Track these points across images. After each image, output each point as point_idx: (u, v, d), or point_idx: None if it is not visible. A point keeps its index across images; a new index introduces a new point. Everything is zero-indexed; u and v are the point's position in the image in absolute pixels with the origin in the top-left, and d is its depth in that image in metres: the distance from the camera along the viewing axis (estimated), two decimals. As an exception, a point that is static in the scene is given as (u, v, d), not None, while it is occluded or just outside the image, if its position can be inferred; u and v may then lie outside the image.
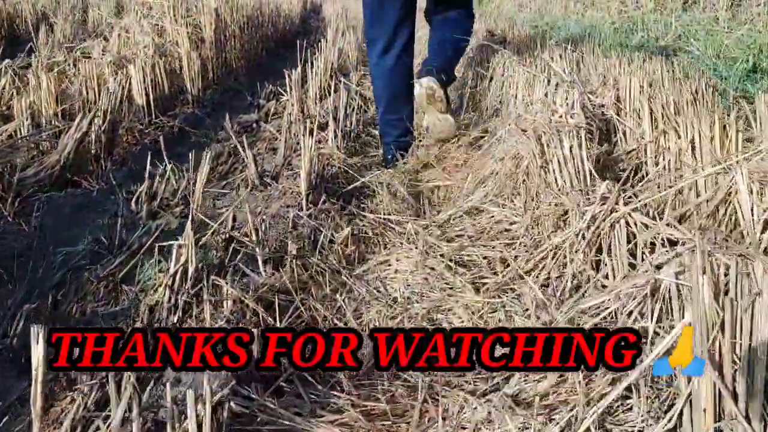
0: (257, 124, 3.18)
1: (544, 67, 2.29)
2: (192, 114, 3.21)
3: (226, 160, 2.38)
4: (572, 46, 2.91)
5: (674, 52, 4.66)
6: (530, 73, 2.26)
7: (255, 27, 5.00)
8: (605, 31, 5.55)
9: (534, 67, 2.35)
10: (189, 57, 3.27)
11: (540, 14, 7.70)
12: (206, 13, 3.68)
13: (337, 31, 5.34)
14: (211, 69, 3.71)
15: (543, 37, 3.20)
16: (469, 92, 3.09)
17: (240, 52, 4.34)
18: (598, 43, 5.07)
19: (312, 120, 2.31)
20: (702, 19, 5.68)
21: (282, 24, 6.73)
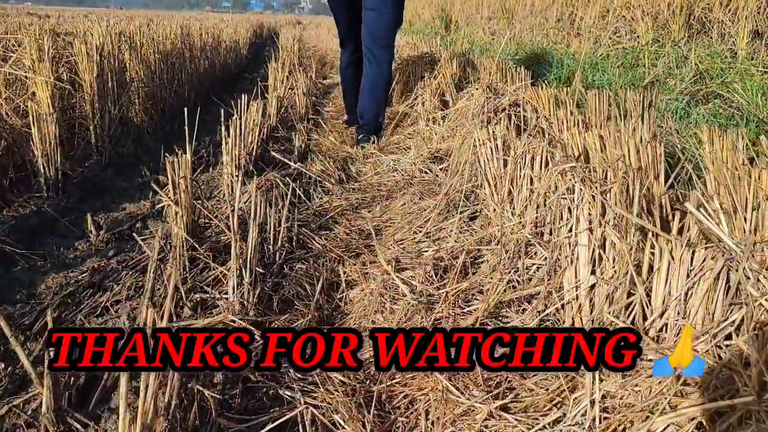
0: (143, 223, 2.15)
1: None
2: (40, 209, 2.16)
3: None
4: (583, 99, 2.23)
5: (705, 98, 3.69)
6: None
7: (177, 66, 3.90)
8: (605, 66, 4.68)
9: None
10: (41, 120, 2.22)
11: (517, 43, 6.89)
12: (82, 54, 2.62)
13: (285, 65, 4.31)
14: (93, 132, 2.64)
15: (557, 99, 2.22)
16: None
17: (147, 102, 3.25)
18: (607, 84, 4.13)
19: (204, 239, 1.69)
20: (716, 52, 4.72)
21: (223, 58, 5.66)
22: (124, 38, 3.12)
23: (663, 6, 5.62)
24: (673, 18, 5.49)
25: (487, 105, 2.06)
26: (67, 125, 2.76)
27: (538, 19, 7.71)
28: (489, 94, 2.22)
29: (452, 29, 10.64)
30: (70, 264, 1.86)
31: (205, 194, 2.41)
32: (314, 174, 2.50)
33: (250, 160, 2.47)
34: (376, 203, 2.30)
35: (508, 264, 1.34)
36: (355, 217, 2.17)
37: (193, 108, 4.32)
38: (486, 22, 9.46)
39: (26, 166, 2.40)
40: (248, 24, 9.64)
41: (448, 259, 1.49)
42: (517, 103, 2.06)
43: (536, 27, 7.47)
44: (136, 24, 4.46)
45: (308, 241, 1.91)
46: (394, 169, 2.67)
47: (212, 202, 2.31)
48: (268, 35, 12.99)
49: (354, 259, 1.81)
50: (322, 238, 1.95)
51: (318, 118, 4.04)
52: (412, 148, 2.84)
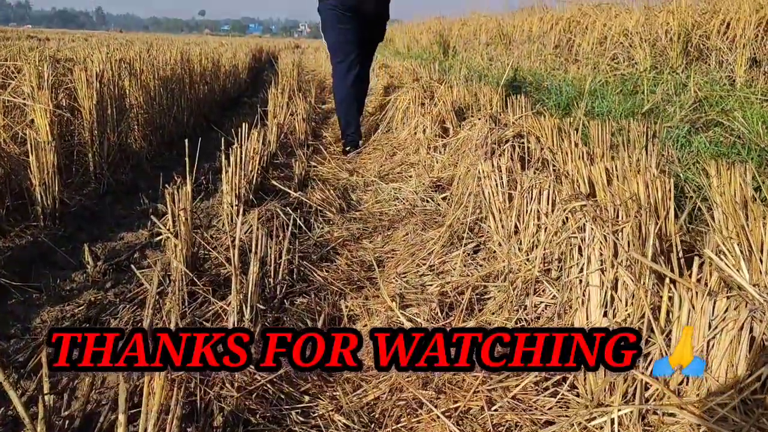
0: (141, 253, 2.12)
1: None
2: (37, 239, 2.13)
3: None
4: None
5: (706, 126, 3.68)
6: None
7: (177, 91, 3.89)
8: (605, 92, 4.68)
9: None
10: (39, 148, 2.19)
11: (515, 69, 6.92)
12: (82, 81, 2.61)
13: (284, 91, 4.31)
14: (92, 159, 2.62)
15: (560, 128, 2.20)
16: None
17: (146, 128, 3.24)
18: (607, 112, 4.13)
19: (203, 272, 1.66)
20: (714, 79, 4.74)
21: (223, 83, 5.67)
22: (124, 65, 3.11)
23: (660, 33, 5.66)
24: (670, 45, 5.52)
25: (491, 136, 2.05)
26: (65, 152, 2.73)
27: (536, 45, 7.76)
28: (492, 125, 2.21)
29: (450, 54, 10.71)
30: (66, 296, 1.82)
31: (204, 224, 2.38)
32: (315, 203, 2.47)
33: (250, 188, 2.44)
34: (378, 233, 2.27)
35: (516, 302, 1.31)
36: (356, 248, 2.14)
37: (192, 133, 4.30)
38: (484, 48, 9.53)
39: (23, 194, 2.37)
40: (247, 48, 9.69)
41: (453, 295, 1.46)
42: (520, 134, 2.05)
43: (534, 53, 7.51)
44: (136, 49, 4.47)
45: (309, 274, 1.88)
46: (395, 197, 2.64)
47: (211, 231, 2.28)
48: (267, 59, 13.06)
49: (356, 293, 1.77)
50: (323, 270, 1.92)
51: (317, 143, 4.03)
52: (414, 176, 2.82)
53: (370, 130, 4.24)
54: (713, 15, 5.27)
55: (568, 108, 4.55)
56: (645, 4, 6.44)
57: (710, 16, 5.34)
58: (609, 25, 6.37)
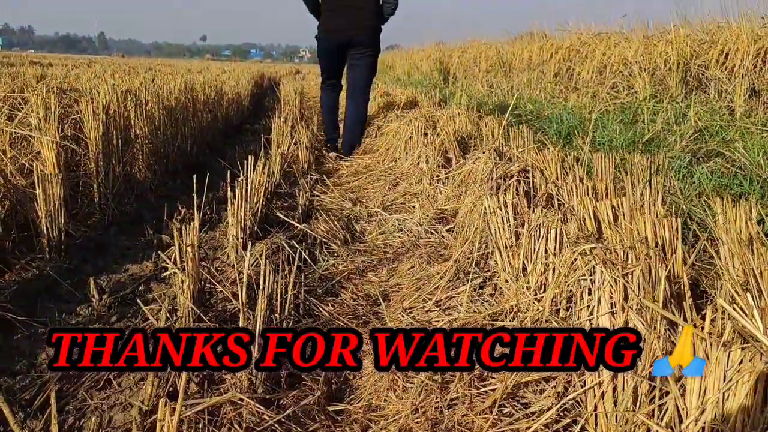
0: (146, 286, 2.12)
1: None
2: (42, 272, 2.13)
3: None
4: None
5: (707, 157, 3.70)
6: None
7: (181, 120, 3.91)
8: (605, 122, 4.71)
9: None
10: (46, 181, 2.20)
11: (515, 97, 6.98)
12: (88, 113, 2.63)
13: (287, 120, 4.33)
14: (97, 190, 2.63)
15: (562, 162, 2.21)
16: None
17: (150, 158, 3.25)
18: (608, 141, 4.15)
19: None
20: (713, 108, 4.77)
21: (225, 110, 5.71)
22: (129, 96, 3.14)
23: (659, 62, 5.72)
24: (669, 74, 5.57)
25: (496, 171, 2.06)
26: (70, 183, 2.74)
27: (536, 73, 7.83)
28: (496, 159, 2.22)
29: (450, 81, 10.79)
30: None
31: (210, 256, 2.38)
32: (319, 235, 2.48)
33: (255, 220, 2.45)
34: (383, 266, 2.27)
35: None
36: (361, 281, 2.14)
37: (195, 162, 4.32)
38: (484, 75, 9.61)
39: (29, 225, 2.38)
40: (249, 74, 9.78)
41: (461, 334, 1.46)
42: (525, 169, 2.06)
43: (534, 81, 7.58)
44: (141, 79, 4.51)
45: (315, 309, 1.88)
46: (399, 229, 2.65)
47: (217, 263, 2.28)
48: (268, 85, 13.18)
49: (362, 328, 1.77)
50: (329, 305, 1.92)
51: (320, 171, 4.05)
52: (417, 207, 2.83)
53: (374, 160, 4.26)
54: (711, 45, 5.33)
55: (569, 137, 4.58)
56: (644, 33, 6.52)
57: (708, 46, 5.40)
58: (608, 54, 6.44)
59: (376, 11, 4.20)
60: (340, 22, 4.19)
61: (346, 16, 4.16)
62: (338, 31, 4.22)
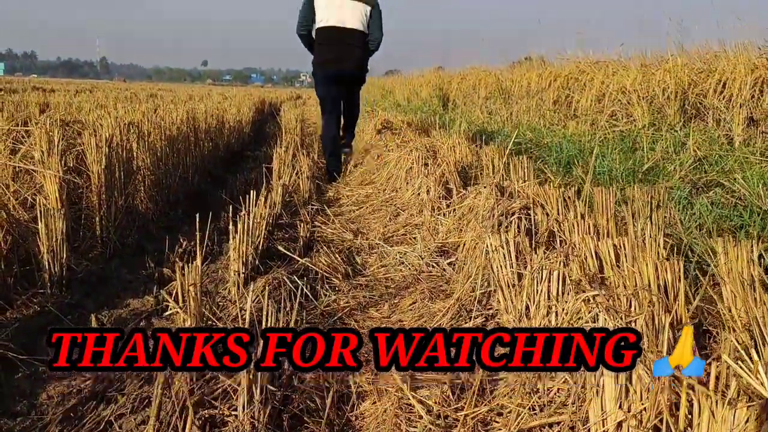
0: (148, 322, 2.12)
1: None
2: (44, 308, 2.13)
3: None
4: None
5: (706, 187, 3.72)
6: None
7: (183, 150, 3.94)
8: (605, 150, 4.74)
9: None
10: (49, 216, 2.21)
11: (515, 124, 7.02)
12: (91, 146, 2.64)
13: (288, 149, 4.35)
14: (99, 223, 2.64)
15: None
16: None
17: (152, 189, 3.26)
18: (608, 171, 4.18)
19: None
20: (712, 137, 4.80)
21: (227, 138, 5.74)
22: (132, 128, 3.17)
23: (658, 91, 5.76)
24: (668, 103, 5.61)
25: (497, 208, 2.07)
26: (72, 216, 2.75)
27: (535, 100, 7.89)
28: (498, 195, 2.23)
29: (450, 107, 10.87)
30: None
31: (211, 290, 2.38)
32: (321, 269, 2.48)
33: (256, 254, 2.45)
34: (384, 301, 2.27)
35: (528, 385, 1.30)
36: (363, 317, 2.14)
37: (197, 190, 4.34)
38: (483, 102, 9.67)
39: (31, 259, 2.38)
40: (250, 101, 9.85)
41: (464, 377, 1.45)
42: (527, 206, 2.07)
43: (533, 108, 7.63)
44: (143, 109, 4.54)
45: (317, 347, 1.87)
46: (401, 262, 2.65)
47: (218, 298, 2.28)
48: (269, 111, 13.27)
49: (364, 367, 1.76)
50: (331, 342, 1.91)
51: (321, 200, 4.06)
52: (419, 239, 2.84)
53: (375, 189, 4.28)
54: (709, 74, 5.38)
55: (569, 166, 4.60)
56: (642, 61, 6.58)
57: (706, 75, 5.45)
58: (607, 82, 6.50)
59: (362, 47, 4.70)
60: (331, 55, 4.65)
61: (336, 51, 4.63)
62: (330, 63, 4.68)
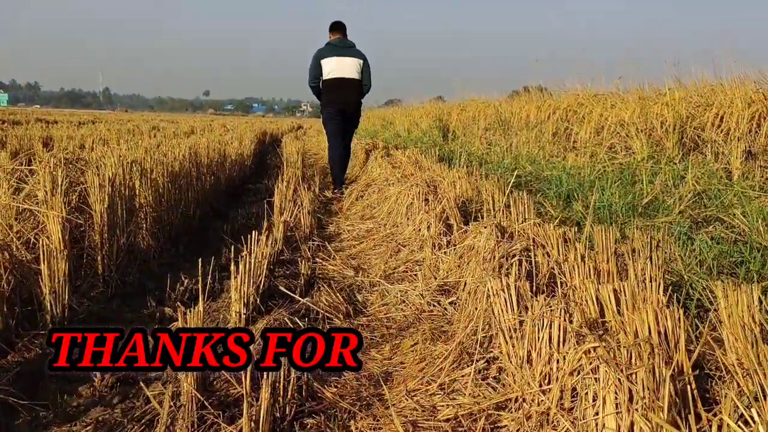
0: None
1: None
2: (45, 351, 2.12)
3: None
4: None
5: (706, 221, 3.73)
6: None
7: (184, 185, 3.96)
8: (604, 184, 4.76)
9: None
10: (51, 257, 2.22)
11: (514, 156, 7.06)
12: (94, 186, 2.67)
13: (289, 184, 4.37)
14: (101, 262, 2.64)
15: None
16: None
17: (154, 226, 3.28)
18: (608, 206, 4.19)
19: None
20: (711, 171, 4.82)
21: (228, 172, 5.78)
22: (135, 166, 3.19)
23: (656, 124, 5.81)
24: (666, 136, 5.66)
25: (498, 250, 2.09)
26: (74, 256, 2.76)
27: (534, 132, 7.95)
28: (498, 237, 2.25)
29: (450, 138, 10.94)
30: (73, 414, 1.80)
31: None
32: (322, 309, 2.48)
33: (257, 293, 2.46)
34: (386, 341, 2.27)
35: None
36: (364, 359, 2.13)
37: (198, 226, 4.35)
38: (483, 133, 9.74)
39: (32, 300, 2.38)
40: (252, 133, 9.92)
41: (466, 425, 1.45)
42: (528, 248, 2.09)
43: (533, 140, 7.68)
44: (145, 145, 4.58)
45: (318, 391, 1.86)
46: (402, 300, 2.66)
47: (219, 339, 2.28)
48: (270, 141, 13.38)
49: (365, 411, 1.76)
50: (333, 386, 1.90)
51: (322, 236, 4.07)
52: (420, 277, 2.84)
53: (376, 224, 4.29)
54: (707, 108, 5.43)
55: (569, 199, 4.63)
56: (639, 95, 6.65)
57: (704, 108, 5.50)
58: (605, 115, 6.56)
59: (358, 91, 6.43)
60: (334, 97, 6.41)
61: (339, 95, 6.37)
62: (335, 103, 6.44)
